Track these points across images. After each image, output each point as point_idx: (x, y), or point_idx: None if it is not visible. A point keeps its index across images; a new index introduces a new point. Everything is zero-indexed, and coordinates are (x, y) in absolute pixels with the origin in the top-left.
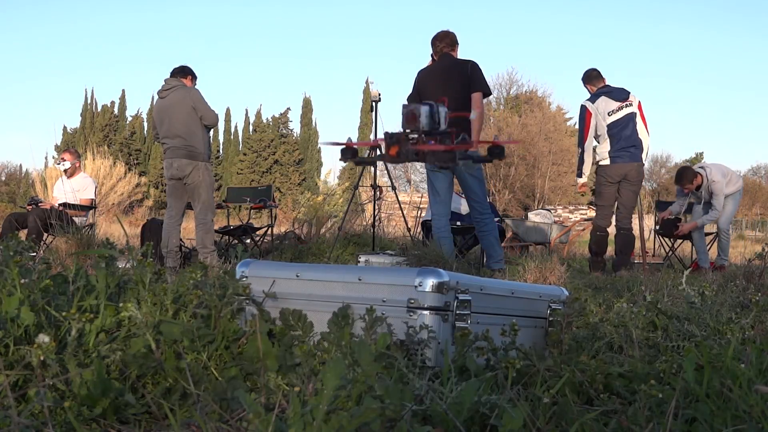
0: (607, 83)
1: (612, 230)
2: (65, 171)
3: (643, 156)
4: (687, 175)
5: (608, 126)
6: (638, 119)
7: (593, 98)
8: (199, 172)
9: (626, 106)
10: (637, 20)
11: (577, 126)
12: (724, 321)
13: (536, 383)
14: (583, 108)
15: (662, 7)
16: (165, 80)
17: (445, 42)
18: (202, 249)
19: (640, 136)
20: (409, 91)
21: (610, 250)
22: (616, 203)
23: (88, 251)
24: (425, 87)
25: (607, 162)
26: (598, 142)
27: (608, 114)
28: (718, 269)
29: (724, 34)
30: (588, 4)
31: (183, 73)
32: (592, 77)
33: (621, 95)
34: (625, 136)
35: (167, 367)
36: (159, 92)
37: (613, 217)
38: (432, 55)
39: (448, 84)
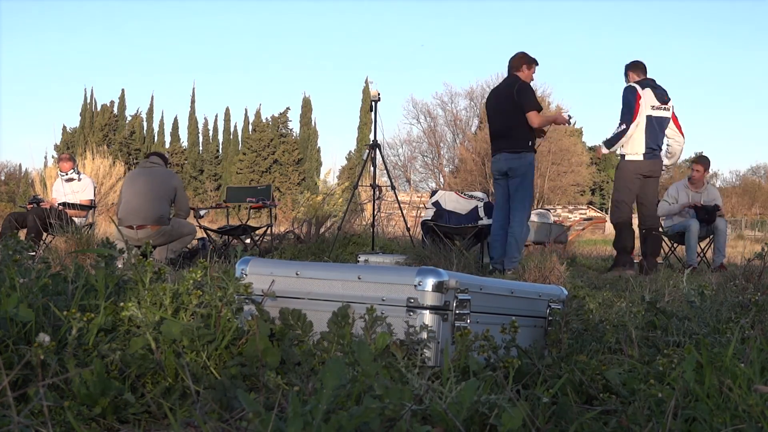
0: (649, 77)
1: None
2: (70, 180)
3: (668, 158)
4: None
5: (648, 118)
6: (672, 124)
7: (641, 84)
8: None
9: (665, 109)
10: (638, 20)
11: (576, 126)
12: (723, 320)
13: (536, 383)
14: (633, 89)
15: (662, 8)
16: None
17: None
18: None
19: (670, 138)
20: (407, 90)
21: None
22: (638, 200)
23: (87, 250)
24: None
25: (639, 157)
26: (629, 133)
27: (652, 108)
28: (720, 268)
29: (724, 35)
30: (588, 4)
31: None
32: (638, 67)
33: (664, 96)
34: (659, 136)
35: (167, 367)
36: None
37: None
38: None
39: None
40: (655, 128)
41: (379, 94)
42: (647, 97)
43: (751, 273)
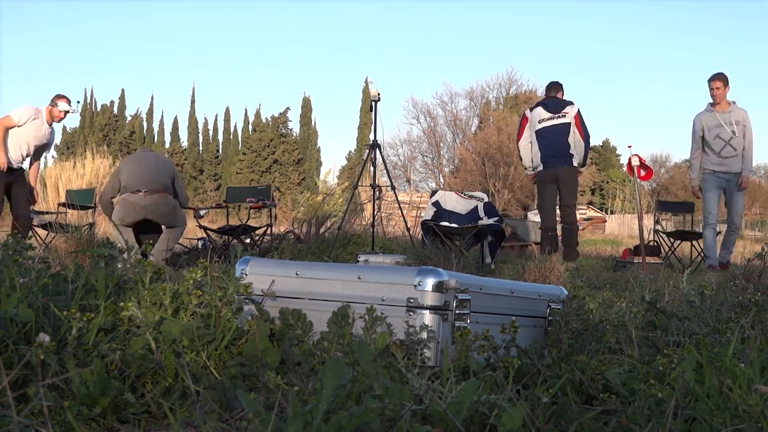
0: (553, 96)
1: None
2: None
3: (576, 161)
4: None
5: (536, 132)
6: (573, 128)
7: (533, 107)
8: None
9: (558, 117)
10: (637, 21)
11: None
12: (723, 320)
13: (536, 383)
14: (523, 115)
15: (662, 9)
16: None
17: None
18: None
19: (571, 143)
20: (407, 90)
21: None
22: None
23: (87, 250)
24: None
25: (540, 168)
26: (530, 149)
27: (538, 122)
28: (724, 267)
29: (724, 36)
30: (588, 4)
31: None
32: (547, 88)
33: (557, 107)
34: (551, 144)
35: (167, 367)
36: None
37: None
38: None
39: None
40: (547, 139)
41: (379, 94)
42: (535, 115)
43: (751, 273)
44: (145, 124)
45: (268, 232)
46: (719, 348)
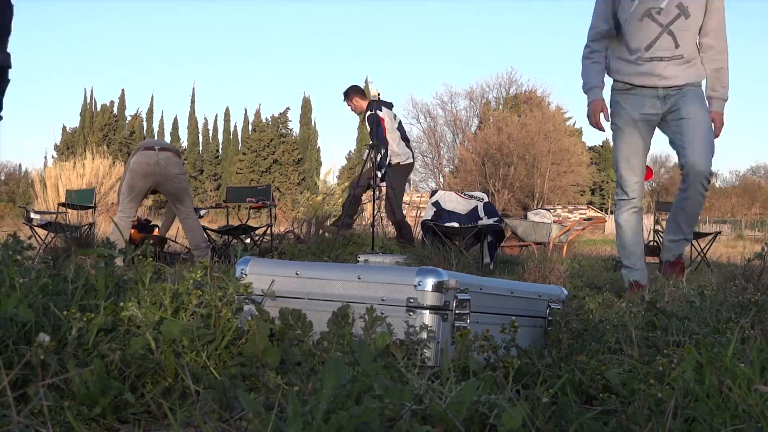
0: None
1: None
2: None
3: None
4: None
5: (398, 129)
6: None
7: (378, 108)
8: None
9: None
10: None
11: (576, 126)
12: (723, 320)
13: (536, 383)
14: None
15: None
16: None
17: None
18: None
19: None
20: (407, 90)
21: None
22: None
23: (87, 250)
24: None
25: (410, 160)
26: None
27: (393, 118)
28: (674, 268)
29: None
30: (588, 4)
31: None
32: (361, 91)
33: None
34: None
35: (167, 367)
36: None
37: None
38: None
39: None
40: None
41: (379, 94)
42: (386, 114)
43: (751, 273)
44: (145, 124)
45: (268, 232)
46: (719, 348)
